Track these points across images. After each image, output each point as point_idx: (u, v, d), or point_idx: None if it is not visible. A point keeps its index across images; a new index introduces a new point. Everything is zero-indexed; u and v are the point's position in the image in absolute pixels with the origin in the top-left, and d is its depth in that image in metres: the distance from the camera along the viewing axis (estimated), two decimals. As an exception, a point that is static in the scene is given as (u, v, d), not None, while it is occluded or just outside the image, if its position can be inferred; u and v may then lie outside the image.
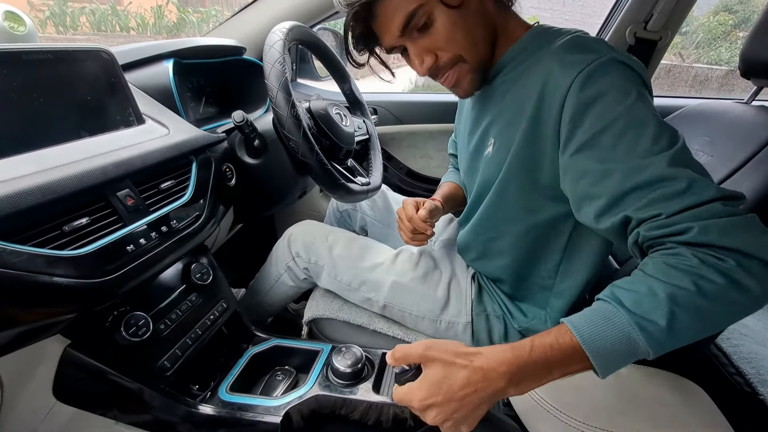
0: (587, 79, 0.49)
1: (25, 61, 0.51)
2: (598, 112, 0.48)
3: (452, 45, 0.58)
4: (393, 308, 0.80)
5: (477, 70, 0.61)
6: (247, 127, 0.74)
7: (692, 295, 0.40)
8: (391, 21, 0.56)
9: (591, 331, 0.42)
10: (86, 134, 0.57)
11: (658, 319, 0.40)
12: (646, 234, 0.45)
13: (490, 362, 0.43)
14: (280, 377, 0.72)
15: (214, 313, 0.73)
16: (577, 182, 0.52)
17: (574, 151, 0.51)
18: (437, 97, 1.41)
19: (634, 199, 0.46)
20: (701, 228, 0.41)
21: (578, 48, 0.53)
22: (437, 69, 0.60)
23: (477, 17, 0.58)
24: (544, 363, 0.43)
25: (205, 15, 7.88)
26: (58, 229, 0.46)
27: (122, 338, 0.57)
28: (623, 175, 0.46)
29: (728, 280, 0.40)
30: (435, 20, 0.56)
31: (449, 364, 0.44)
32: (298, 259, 0.87)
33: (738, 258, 0.40)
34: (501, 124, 0.63)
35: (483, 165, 0.69)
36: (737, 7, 8.60)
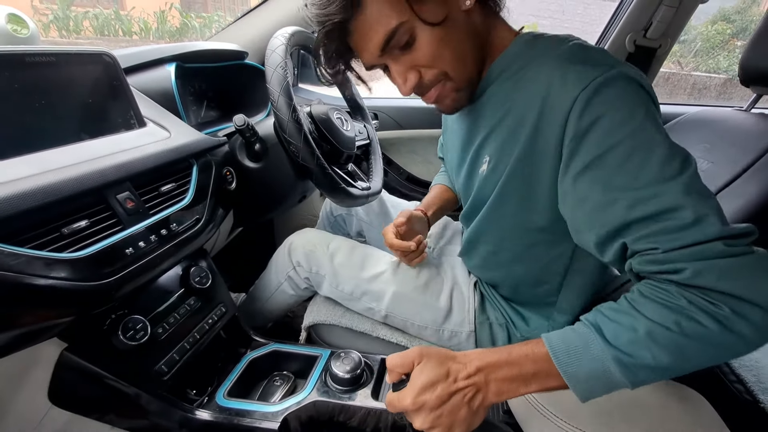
0: (593, 95, 0.45)
1: (27, 64, 0.51)
2: (603, 132, 0.45)
3: (437, 62, 0.53)
4: (395, 318, 0.79)
5: (463, 88, 0.57)
6: (248, 131, 0.74)
7: (674, 335, 0.40)
8: (370, 39, 0.51)
9: (567, 354, 0.43)
10: (87, 137, 0.57)
11: (635, 354, 0.40)
12: (639, 267, 0.44)
13: (473, 360, 0.46)
14: (278, 382, 0.72)
15: (213, 318, 0.73)
16: (577, 208, 0.49)
17: (576, 173, 0.47)
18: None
19: (635, 230, 0.44)
20: (695, 270, 0.40)
21: (581, 59, 0.48)
22: (421, 87, 0.56)
23: (463, 32, 0.53)
24: (520, 370, 0.44)
25: (207, 20, 7.94)
26: (57, 231, 0.46)
27: (120, 342, 0.56)
28: (628, 205, 0.43)
29: (720, 325, 0.39)
30: (417, 37, 0.51)
31: (443, 363, 0.46)
32: (299, 269, 0.86)
33: (734, 304, 0.38)
34: (497, 141, 0.58)
35: (478, 183, 0.65)
36: (735, 17, 8.68)
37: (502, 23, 0.59)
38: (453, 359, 0.47)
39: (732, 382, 0.88)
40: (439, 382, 0.45)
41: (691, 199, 0.41)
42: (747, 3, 8.78)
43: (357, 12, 0.49)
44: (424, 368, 0.46)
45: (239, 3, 11.32)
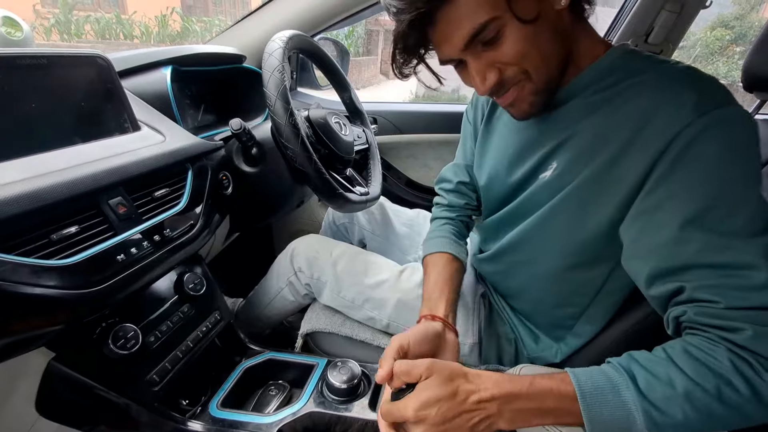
0: (702, 131, 0.42)
1: (18, 66, 0.50)
2: (702, 170, 0.43)
3: (522, 61, 0.49)
4: (397, 327, 0.77)
5: (542, 91, 0.53)
6: (245, 135, 0.73)
7: (711, 398, 0.39)
8: (455, 32, 0.47)
9: (593, 396, 0.42)
10: (79, 140, 0.56)
11: (668, 410, 0.40)
12: (694, 317, 0.42)
13: (488, 388, 0.44)
14: (274, 392, 0.70)
15: (207, 325, 0.71)
16: (645, 234, 0.47)
17: (660, 201, 0.45)
18: (437, 107, 1.41)
19: (699, 276, 0.42)
20: (755, 333, 0.38)
21: (697, 88, 0.45)
22: (500, 86, 0.52)
23: (552, 32, 0.49)
24: (539, 404, 0.43)
25: (208, 24, 7.99)
26: (46, 237, 0.45)
27: (110, 351, 0.55)
28: (701, 247, 0.42)
29: (755, 395, 0.38)
30: (505, 34, 0.47)
31: (452, 380, 0.44)
32: (300, 275, 0.85)
33: None
34: (572, 150, 0.54)
35: (534, 188, 0.60)
36: (734, 23, 8.73)
37: (591, 30, 0.55)
38: (464, 378, 0.45)
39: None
40: (447, 400, 0.43)
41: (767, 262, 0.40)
42: (746, 9, 8.84)
43: (446, 2, 0.46)
44: (433, 382, 0.44)
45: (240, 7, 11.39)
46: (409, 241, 1.03)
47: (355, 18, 1.04)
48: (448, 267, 0.69)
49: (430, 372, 0.45)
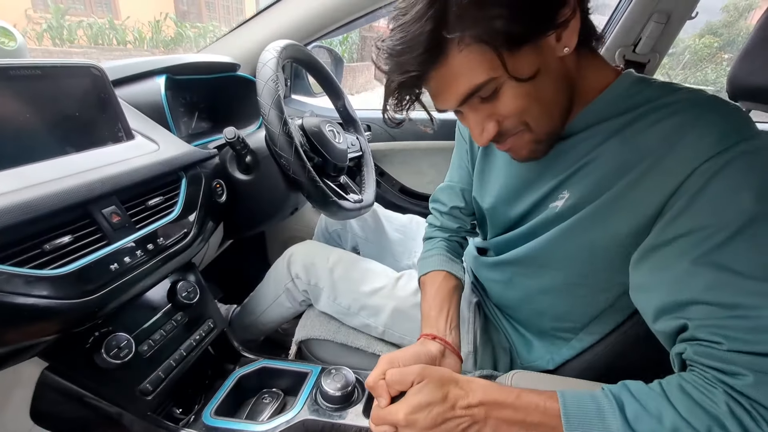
0: (726, 165, 0.40)
1: (11, 77, 0.50)
2: (721, 207, 0.41)
3: (521, 115, 0.48)
4: (393, 334, 0.77)
5: (542, 141, 0.51)
6: (239, 144, 0.73)
7: None
8: (449, 90, 0.46)
9: (578, 419, 0.42)
10: (72, 150, 0.56)
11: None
12: (693, 356, 0.41)
13: (477, 394, 0.45)
14: (267, 400, 0.70)
15: (201, 333, 0.71)
16: (656, 268, 0.45)
17: (674, 236, 0.43)
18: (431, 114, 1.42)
19: (704, 313, 0.40)
20: (757, 381, 0.37)
21: (719, 119, 0.43)
22: (499, 135, 0.50)
23: (554, 81, 0.47)
24: (524, 417, 0.44)
25: (202, 30, 7.99)
26: (39, 247, 0.45)
27: (103, 360, 0.55)
28: (711, 284, 0.40)
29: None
30: (503, 90, 0.45)
31: (443, 386, 0.45)
32: (297, 281, 0.85)
33: None
34: (587, 178, 0.52)
35: (544, 216, 0.58)
36: (722, 30, 8.90)
37: (599, 62, 0.52)
38: (455, 383, 0.46)
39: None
40: (436, 405, 0.44)
41: None
42: (734, 17, 9.01)
43: (439, 65, 0.44)
44: (424, 387, 0.45)
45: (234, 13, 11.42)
46: (402, 248, 1.03)
47: (349, 27, 1.05)
48: (445, 284, 0.68)
49: (422, 378, 0.46)
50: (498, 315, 0.75)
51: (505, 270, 0.68)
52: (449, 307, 0.65)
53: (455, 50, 0.43)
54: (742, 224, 0.40)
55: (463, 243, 0.82)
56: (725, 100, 0.46)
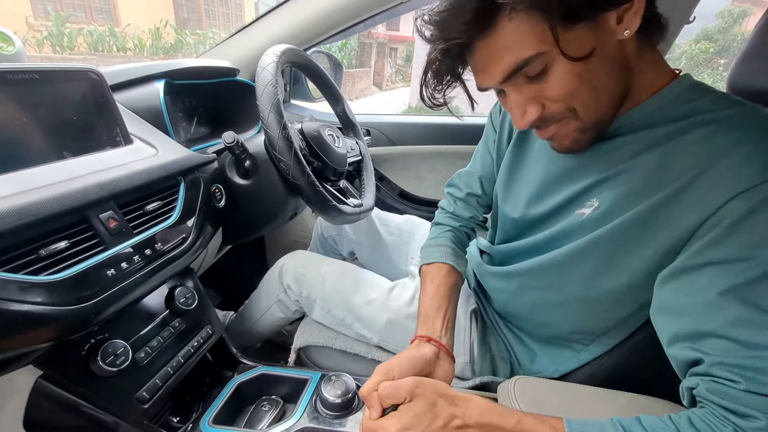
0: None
1: (9, 81, 0.49)
2: (761, 241, 0.38)
3: (569, 99, 0.44)
4: (389, 345, 0.76)
5: (588, 129, 0.47)
6: (238, 148, 0.73)
7: None
8: (495, 63, 0.43)
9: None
10: (70, 155, 0.55)
11: None
12: (706, 393, 0.39)
13: (473, 415, 0.43)
14: (266, 407, 0.69)
15: (199, 340, 0.70)
16: (681, 291, 0.43)
17: (705, 263, 0.41)
18: (430, 119, 1.42)
19: (724, 349, 0.38)
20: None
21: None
22: (540, 121, 0.47)
23: (608, 67, 0.43)
24: None
25: (202, 37, 8.03)
26: (34, 253, 0.44)
27: (98, 368, 0.54)
28: (736, 319, 0.38)
29: None
30: (552, 69, 0.42)
31: (436, 403, 0.44)
32: (289, 291, 0.84)
33: None
34: (620, 188, 0.49)
35: (567, 223, 0.55)
36: (717, 36, 8.99)
37: (658, 59, 0.48)
38: (450, 400, 0.44)
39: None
40: (430, 423, 0.43)
41: None
42: (729, 23, 9.10)
43: (486, 34, 0.41)
44: (418, 402, 0.44)
45: (234, 20, 11.49)
46: (399, 251, 1.02)
47: (347, 32, 1.05)
48: (446, 280, 0.66)
49: (414, 395, 0.44)
50: (499, 323, 0.73)
51: (513, 280, 0.65)
52: (447, 306, 0.62)
53: (505, 19, 0.40)
54: None
55: (471, 235, 0.79)
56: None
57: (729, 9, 9.29)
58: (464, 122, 1.40)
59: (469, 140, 1.36)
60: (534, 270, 0.60)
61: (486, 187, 0.76)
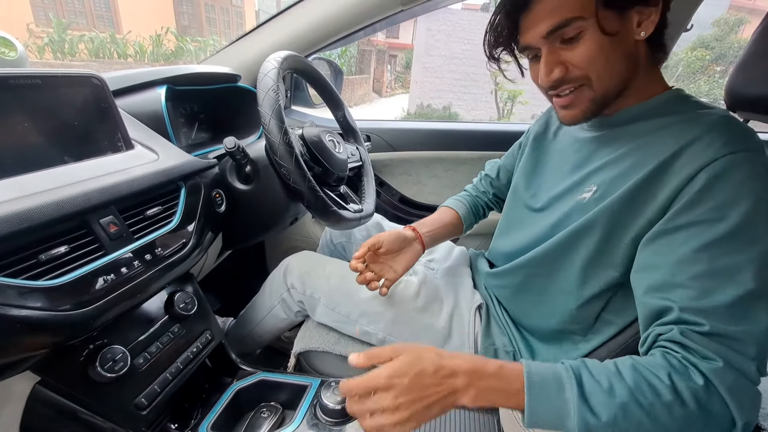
0: (730, 168, 0.46)
1: (11, 86, 0.50)
2: (723, 204, 0.46)
3: (589, 67, 0.54)
4: (393, 341, 0.77)
5: (598, 100, 0.57)
6: (239, 153, 0.73)
7: (643, 415, 0.42)
8: (542, 20, 0.53)
9: (540, 388, 0.45)
10: (72, 160, 0.55)
11: (600, 415, 0.43)
12: (678, 337, 0.45)
13: (460, 364, 0.46)
14: (266, 414, 0.68)
15: (198, 346, 0.70)
16: (660, 251, 0.50)
17: (679, 225, 0.48)
18: (430, 125, 1.43)
19: (692, 297, 0.45)
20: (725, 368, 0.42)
21: (729, 132, 0.49)
22: (560, 83, 0.56)
23: (625, 53, 0.54)
24: (507, 386, 0.46)
25: (203, 44, 8.08)
26: (34, 258, 0.44)
27: (97, 374, 0.53)
28: (704, 271, 0.45)
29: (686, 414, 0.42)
30: (583, 37, 0.52)
31: (422, 355, 0.47)
32: (293, 291, 0.84)
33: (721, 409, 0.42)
34: (611, 173, 0.58)
35: (570, 208, 0.63)
36: (714, 44, 9.07)
37: (657, 73, 0.60)
38: (436, 353, 0.48)
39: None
40: (419, 370, 0.45)
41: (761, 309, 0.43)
42: (725, 31, 9.19)
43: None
44: (406, 355, 0.47)
45: (235, 28, 11.57)
46: None
47: (348, 39, 1.06)
48: (448, 216, 0.88)
49: (399, 351, 0.47)
50: (504, 317, 0.76)
51: (519, 273, 0.72)
52: (437, 228, 0.84)
53: None
54: (740, 221, 0.45)
55: (485, 208, 0.97)
56: (738, 120, 0.52)
57: (725, 17, 9.39)
58: (465, 128, 1.41)
59: (470, 146, 1.36)
60: (539, 257, 0.67)
61: (501, 175, 0.94)
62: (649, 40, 0.55)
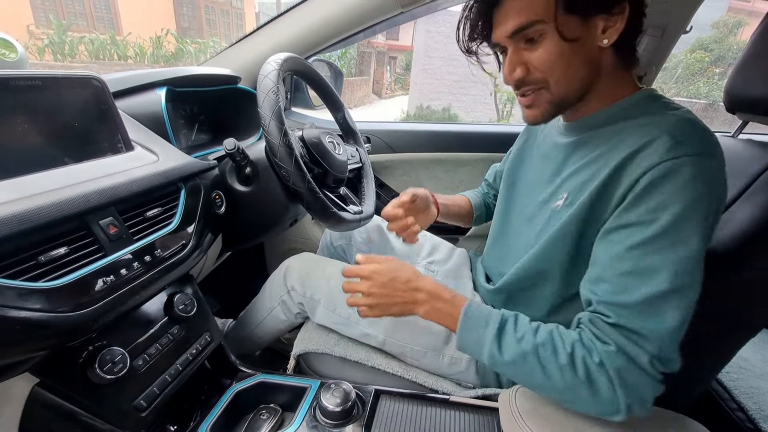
0: (670, 170, 0.47)
1: (12, 87, 0.50)
2: (657, 207, 0.48)
3: (546, 71, 0.55)
4: (393, 343, 0.76)
5: (556, 103, 0.58)
6: (239, 155, 0.73)
7: (537, 366, 0.51)
8: (509, 19, 0.54)
9: (474, 321, 0.57)
10: (71, 161, 0.55)
11: (505, 354, 0.54)
12: (587, 323, 0.53)
13: (426, 284, 0.62)
14: (265, 416, 0.68)
15: (197, 347, 0.70)
16: (599, 248, 0.54)
17: (620, 225, 0.51)
18: (430, 127, 1.43)
19: (609, 292, 0.50)
20: (617, 353, 0.48)
21: (680, 135, 0.49)
22: (522, 83, 0.58)
23: (586, 59, 0.54)
24: (452, 311, 0.59)
25: (203, 45, 8.08)
26: (33, 259, 0.44)
27: (96, 376, 0.53)
28: (626, 270, 0.49)
29: (574, 377, 0.49)
30: (544, 41, 0.53)
31: (401, 268, 0.63)
32: (293, 293, 0.84)
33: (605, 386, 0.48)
34: (580, 179, 0.59)
35: (549, 217, 0.64)
36: (713, 46, 9.08)
37: (628, 77, 0.59)
38: (413, 271, 0.63)
39: (733, 410, 0.86)
40: (395, 275, 0.61)
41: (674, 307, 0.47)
42: (724, 33, 9.21)
43: None
44: (393, 263, 0.63)
45: (235, 30, 11.59)
46: (410, 261, 1.02)
47: (347, 41, 1.06)
48: (462, 200, 0.96)
49: (389, 260, 0.64)
50: None
51: (512, 286, 0.71)
52: (451, 204, 0.92)
53: None
54: (668, 225, 0.47)
55: (492, 207, 0.98)
56: (697, 122, 0.52)
57: (724, 19, 9.39)
58: (464, 130, 1.41)
59: (469, 148, 1.36)
60: (527, 268, 0.67)
61: (497, 178, 0.96)
62: (617, 47, 0.54)
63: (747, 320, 0.62)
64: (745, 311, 0.61)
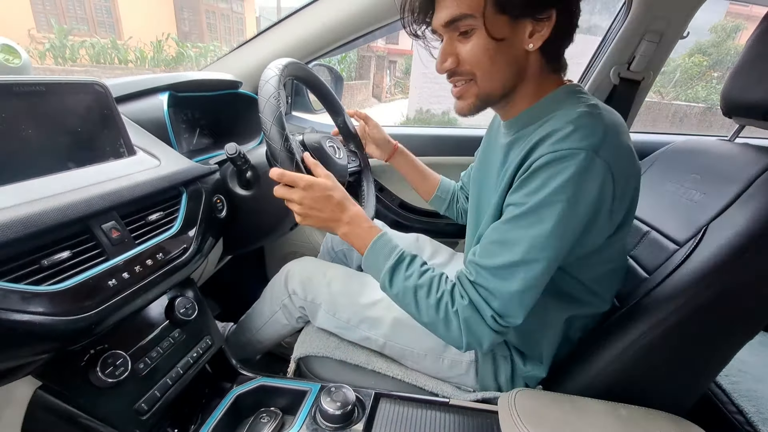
0: (548, 162, 0.52)
1: (16, 93, 0.50)
2: (531, 191, 0.53)
3: (473, 65, 0.57)
4: (393, 346, 0.77)
5: (482, 98, 0.60)
6: (240, 159, 0.73)
7: (413, 301, 0.59)
8: (447, 7, 0.55)
9: (380, 249, 0.63)
10: (74, 166, 0.56)
11: (393, 286, 0.61)
12: (456, 279, 0.60)
13: (351, 207, 0.65)
14: (265, 419, 0.68)
15: (198, 351, 0.70)
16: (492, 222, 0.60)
17: (506, 204, 0.57)
18: (429, 131, 1.44)
19: (478, 254, 0.58)
20: (470, 307, 0.56)
21: (570, 129, 0.52)
22: (453, 74, 0.60)
23: (512, 60, 0.57)
24: (362, 236, 0.64)
25: (203, 50, 8.10)
26: (36, 263, 0.45)
27: (98, 379, 0.54)
28: (495, 239, 0.56)
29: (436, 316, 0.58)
30: (473, 35, 0.55)
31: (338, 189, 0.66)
32: (294, 297, 0.84)
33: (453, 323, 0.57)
34: (506, 174, 0.61)
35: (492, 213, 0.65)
36: (711, 50, 9.12)
37: (555, 77, 0.62)
38: (345, 195, 0.66)
39: (732, 412, 0.86)
40: (327, 193, 0.63)
41: (522, 271, 0.53)
42: (722, 37, 9.24)
43: None
44: (329, 182, 0.65)
45: (235, 34, 11.63)
46: None
47: (347, 46, 1.07)
48: (433, 174, 1.05)
49: (328, 175, 0.66)
50: None
51: None
52: (422, 166, 1.05)
53: None
54: (533, 207, 0.52)
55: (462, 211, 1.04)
56: (591, 117, 0.54)
57: (722, 24, 9.44)
58: (463, 134, 1.41)
59: (468, 151, 1.37)
60: None
61: (465, 186, 1.03)
62: (544, 51, 0.57)
63: (745, 322, 0.62)
64: (743, 313, 0.61)
